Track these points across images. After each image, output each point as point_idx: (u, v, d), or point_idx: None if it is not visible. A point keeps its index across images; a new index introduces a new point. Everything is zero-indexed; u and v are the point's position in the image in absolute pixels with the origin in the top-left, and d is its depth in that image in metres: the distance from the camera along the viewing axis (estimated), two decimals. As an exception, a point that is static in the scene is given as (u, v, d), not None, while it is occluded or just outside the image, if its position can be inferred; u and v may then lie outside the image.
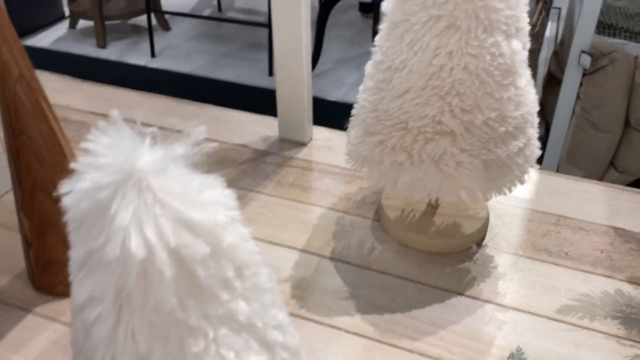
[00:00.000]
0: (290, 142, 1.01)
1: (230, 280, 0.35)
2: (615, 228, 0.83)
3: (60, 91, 1.15)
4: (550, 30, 2.73)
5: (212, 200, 0.35)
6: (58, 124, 0.66)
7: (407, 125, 0.67)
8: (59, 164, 0.66)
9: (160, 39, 2.73)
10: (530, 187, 0.91)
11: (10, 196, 0.83)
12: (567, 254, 0.78)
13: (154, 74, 2.52)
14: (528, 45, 0.67)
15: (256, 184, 0.91)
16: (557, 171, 2.01)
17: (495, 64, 0.62)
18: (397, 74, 0.66)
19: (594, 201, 0.88)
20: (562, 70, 1.90)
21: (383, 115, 0.69)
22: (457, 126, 0.65)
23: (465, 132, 0.65)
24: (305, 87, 0.96)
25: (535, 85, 1.93)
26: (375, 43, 0.71)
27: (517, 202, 0.87)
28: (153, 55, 2.59)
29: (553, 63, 2.11)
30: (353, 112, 0.75)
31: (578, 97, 1.85)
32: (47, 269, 0.70)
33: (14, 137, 0.63)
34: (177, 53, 2.63)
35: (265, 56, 2.45)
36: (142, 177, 0.32)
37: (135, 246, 0.30)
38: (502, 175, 0.69)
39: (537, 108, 0.71)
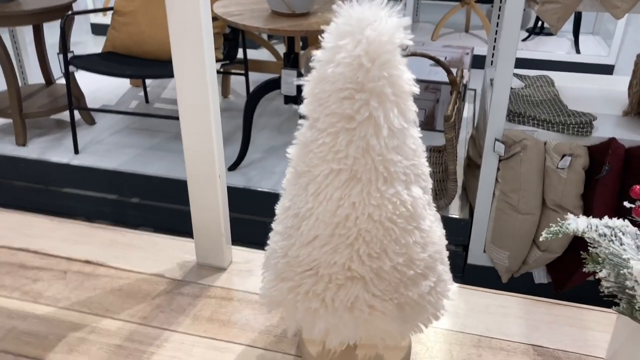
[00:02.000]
0: (209, 268, 0.98)
1: None
2: (534, 346, 0.83)
3: (-38, 221, 1.08)
4: (467, 111, 2.86)
5: None
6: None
7: (318, 272, 0.66)
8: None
9: (84, 134, 2.67)
10: (451, 304, 0.91)
11: None
12: (489, 380, 0.78)
13: (77, 172, 2.44)
14: (430, 186, 0.69)
15: (171, 321, 0.86)
16: (484, 252, 2.05)
17: (397, 212, 0.63)
18: (304, 221, 0.65)
19: (512, 316, 0.88)
20: (480, 155, 1.98)
21: (293, 261, 0.67)
22: (367, 272, 0.65)
23: (376, 277, 0.65)
24: (221, 209, 0.94)
25: (457, 168, 1.97)
26: (282, 186, 0.70)
27: (438, 323, 0.87)
28: (77, 151, 2.51)
29: (471, 148, 2.20)
30: (265, 254, 0.74)
31: (497, 181, 1.92)
32: None
33: None
34: (102, 148, 2.57)
35: (193, 149, 2.45)
36: None
37: None
38: (416, 315, 0.69)
39: (445, 242, 0.71)
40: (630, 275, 0.61)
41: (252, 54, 3.07)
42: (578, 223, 0.65)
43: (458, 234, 2.09)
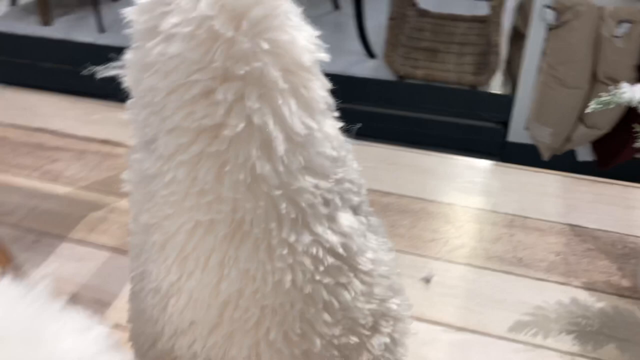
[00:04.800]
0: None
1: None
2: (571, 225, 0.67)
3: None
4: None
5: None
6: None
7: (210, 369, 0.39)
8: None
9: (109, 11, 2.33)
10: (484, 183, 0.75)
11: None
12: (520, 259, 0.63)
13: (103, 52, 2.16)
14: (364, 191, 0.37)
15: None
16: (525, 129, 1.72)
17: (322, 267, 0.34)
18: (171, 300, 0.37)
19: (550, 195, 0.71)
20: (527, 25, 1.56)
21: (168, 356, 0.40)
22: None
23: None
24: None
25: (501, 40, 1.58)
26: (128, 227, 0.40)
27: (469, 202, 0.72)
28: (102, 30, 2.21)
29: (518, 17, 1.75)
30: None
31: (544, 52, 1.53)
32: None
33: None
34: (128, 26, 2.25)
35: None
36: None
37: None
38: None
39: (393, 256, 0.42)
40: None
41: None
42: (634, 91, 0.47)
43: (499, 110, 1.76)
